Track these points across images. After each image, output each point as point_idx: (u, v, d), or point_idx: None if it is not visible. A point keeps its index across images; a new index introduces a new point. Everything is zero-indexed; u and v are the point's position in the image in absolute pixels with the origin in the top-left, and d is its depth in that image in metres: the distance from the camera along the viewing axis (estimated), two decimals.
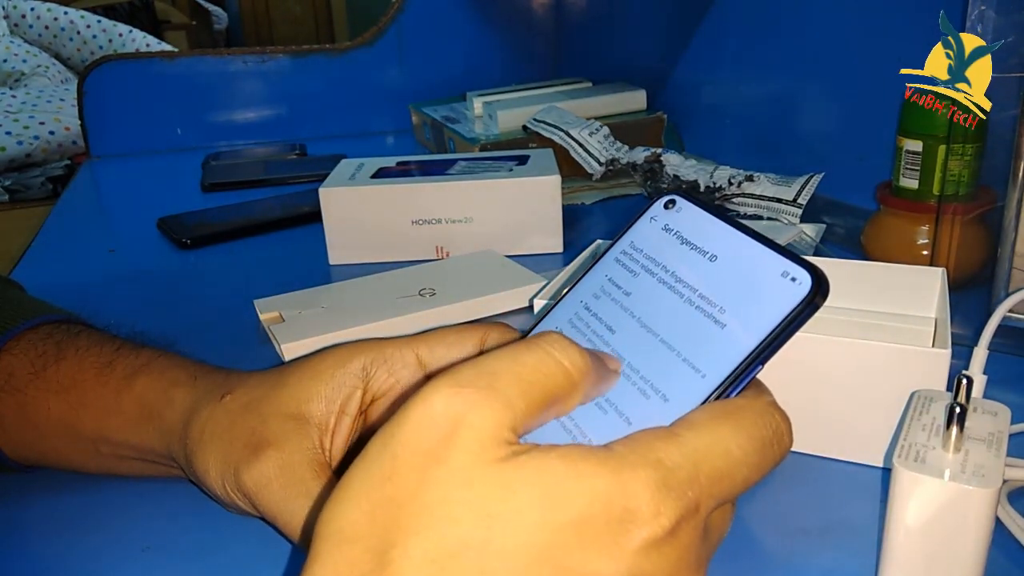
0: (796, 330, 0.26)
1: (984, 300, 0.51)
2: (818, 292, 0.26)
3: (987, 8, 0.45)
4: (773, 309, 0.26)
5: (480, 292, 0.59)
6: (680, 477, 0.23)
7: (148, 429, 0.38)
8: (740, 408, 0.26)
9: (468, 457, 0.22)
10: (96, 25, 2.68)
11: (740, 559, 0.35)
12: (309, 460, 0.33)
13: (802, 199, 0.71)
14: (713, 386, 0.26)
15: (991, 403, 0.33)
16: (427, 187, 0.70)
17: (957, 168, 0.52)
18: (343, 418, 0.35)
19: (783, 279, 0.26)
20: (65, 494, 0.41)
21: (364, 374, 0.35)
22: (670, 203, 0.32)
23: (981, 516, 0.29)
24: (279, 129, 1.22)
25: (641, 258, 0.31)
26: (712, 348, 0.27)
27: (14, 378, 0.40)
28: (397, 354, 0.36)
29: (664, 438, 0.24)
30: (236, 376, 0.38)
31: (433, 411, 0.23)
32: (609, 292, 0.31)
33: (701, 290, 0.28)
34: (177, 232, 0.80)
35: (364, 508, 0.22)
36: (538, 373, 0.24)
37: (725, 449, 0.24)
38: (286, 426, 0.34)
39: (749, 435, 0.25)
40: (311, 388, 0.35)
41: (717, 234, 0.29)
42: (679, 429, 0.25)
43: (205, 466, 0.35)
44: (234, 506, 0.35)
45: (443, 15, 1.25)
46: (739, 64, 0.92)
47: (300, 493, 0.32)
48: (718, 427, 0.25)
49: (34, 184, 1.96)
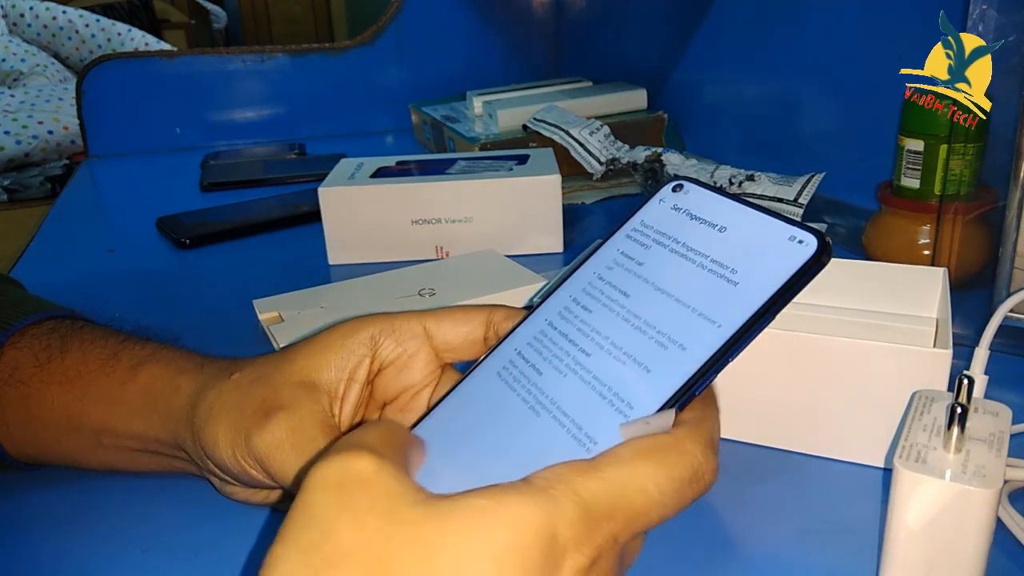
0: (803, 287, 0.27)
1: (985, 300, 0.51)
2: (824, 252, 0.27)
3: (988, 7, 0.45)
4: (782, 267, 0.27)
5: (480, 292, 0.59)
6: (597, 512, 0.24)
7: (153, 417, 0.38)
8: (663, 447, 0.26)
9: (388, 501, 0.23)
10: (95, 24, 2.68)
11: (740, 559, 0.35)
12: (320, 422, 0.34)
13: (803, 199, 0.71)
14: (728, 335, 0.27)
15: (992, 403, 0.33)
16: (427, 187, 0.70)
17: (958, 168, 0.52)
18: (352, 385, 0.35)
19: (791, 242, 0.28)
20: (64, 494, 0.41)
21: (372, 342, 0.36)
22: (678, 187, 0.33)
23: (982, 516, 0.29)
24: (278, 129, 1.22)
25: (652, 233, 0.32)
26: (726, 303, 0.28)
27: (19, 371, 0.40)
28: (405, 325, 0.36)
29: (584, 472, 0.25)
30: (243, 359, 0.38)
31: (334, 473, 0.24)
32: (622, 263, 0.32)
33: (713, 255, 0.29)
34: (176, 232, 0.80)
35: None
36: (392, 433, 0.27)
37: (642, 487, 0.25)
38: (296, 392, 0.34)
39: (668, 475, 0.26)
40: (321, 358, 0.35)
41: (725, 210, 0.30)
42: (601, 463, 0.25)
43: (215, 438, 0.35)
44: (244, 475, 0.35)
45: (443, 15, 1.25)
46: (739, 64, 0.92)
47: (312, 451, 0.32)
48: (639, 464, 0.26)
49: (33, 184, 1.96)
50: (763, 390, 0.42)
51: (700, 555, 0.36)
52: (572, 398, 0.29)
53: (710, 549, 0.36)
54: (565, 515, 0.23)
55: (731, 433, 0.43)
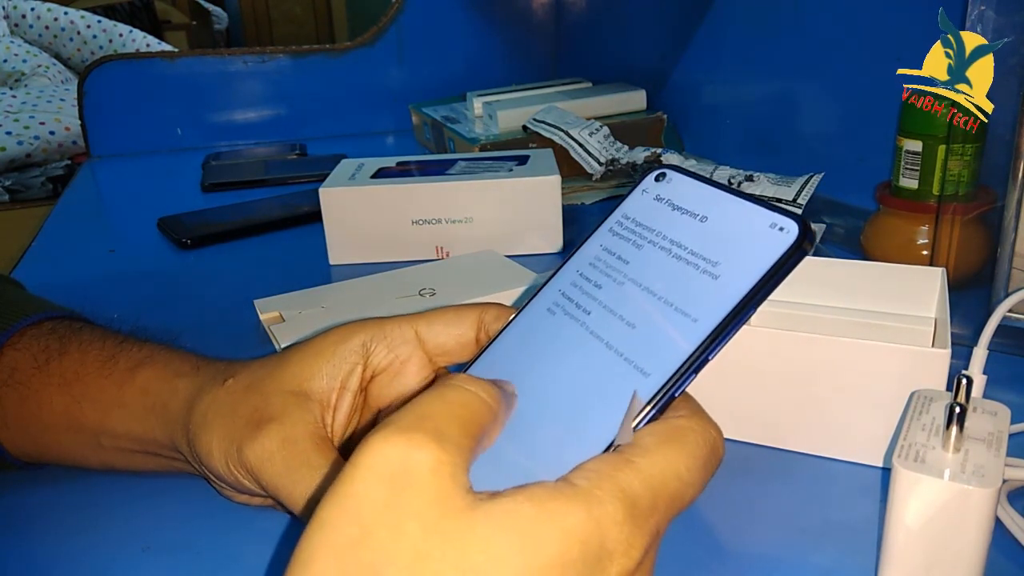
0: (786, 275, 0.27)
1: (984, 300, 0.51)
2: (805, 238, 0.27)
3: (987, 8, 0.45)
4: (764, 256, 0.27)
5: (480, 292, 0.59)
6: (643, 507, 0.24)
7: (151, 419, 0.38)
8: (683, 429, 0.26)
9: (436, 507, 0.22)
10: (96, 25, 2.68)
11: (740, 559, 0.35)
12: (311, 434, 0.33)
13: (802, 199, 0.71)
14: (709, 329, 0.27)
15: (991, 403, 0.33)
16: (427, 187, 0.70)
17: (957, 168, 0.52)
18: (344, 394, 0.35)
19: (771, 230, 0.27)
20: (65, 493, 0.41)
21: (364, 350, 0.36)
22: (660, 176, 0.32)
23: (981, 516, 0.29)
24: (279, 129, 1.22)
25: (634, 226, 0.32)
26: (706, 297, 0.27)
27: (17, 372, 0.40)
28: (397, 330, 0.36)
29: (623, 468, 0.24)
30: (239, 363, 0.38)
31: (387, 462, 0.22)
32: (604, 259, 0.31)
33: (693, 248, 0.29)
34: (177, 232, 0.80)
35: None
36: (468, 410, 0.25)
37: (676, 473, 0.25)
38: (288, 402, 0.34)
39: (694, 455, 0.26)
40: (312, 365, 0.35)
41: (707, 197, 0.30)
42: (633, 456, 0.25)
43: (208, 447, 0.35)
44: (237, 485, 0.35)
45: (443, 15, 1.25)
46: (739, 64, 0.92)
47: (302, 464, 0.32)
48: (668, 451, 0.25)
49: (34, 184, 1.96)
50: (762, 390, 0.42)
51: (700, 554, 0.36)
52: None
53: (709, 549, 0.36)
54: (614, 516, 0.23)
55: (730, 433, 0.43)
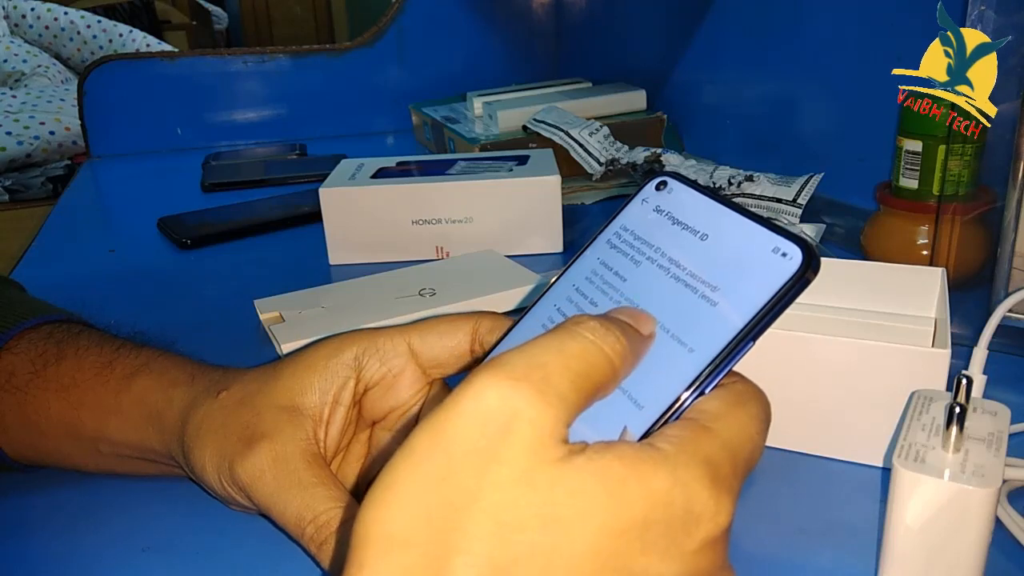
0: (787, 306, 0.26)
1: (984, 300, 0.51)
2: (809, 267, 0.25)
3: (987, 8, 0.45)
4: (764, 285, 0.26)
5: (480, 292, 0.59)
6: (725, 472, 0.24)
7: (147, 429, 0.38)
8: (744, 393, 0.26)
9: (528, 457, 0.21)
10: (96, 25, 2.68)
11: (740, 559, 0.35)
12: (302, 451, 0.33)
13: (802, 199, 0.71)
14: (705, 362, 0.26)
15: (991, 403, 0.33)
16: (427, 187, 0.70)
17: (957, 168, 0.52)
18: (337, 408, 0.35)
19: (774, 255, 0.26)
20: (65, 494, 0.41)
21: (356, 364, 0.35)
22: (661, 184, 0.31)
23: (981, 516, 0.29)
24: (279, 129, 1.22)
25: (633, 240, 0.31)
26: (703, 326, 0.26)
27: (15, 377, 0.40)
28: (389, 343, 0.36)
29: (703, 433, 0.24)
30: (233, 373, 0.38)
31: (488, 405, 0.22)
32: (601, 274, 0.31)
33: (692, 269, 0.28)
34: (177, 232, 0.80)
35: (418, 511, 0.21)
36: (585, 363, 0.24)
37: (749, 435, 0.25)
38: (280, 418, 0.34)
39: (758, 418, 0.26)
40: (304, 380, 0.35)
41: (708, 213, 0.29)
42: (708, 422, 0.25)
43: (201, 462, 0.35)
44: (231, 500, 0.35)
45: (443, 15, 1.25)
46: (739, 64, 0.92)
47: (293, 484, 0.32)
48: (739, 415, 0.25)
49: (34, 184, 1.96)
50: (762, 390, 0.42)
51: None
52: None
53: None
54: (701, 481, 0.23)
55: None
